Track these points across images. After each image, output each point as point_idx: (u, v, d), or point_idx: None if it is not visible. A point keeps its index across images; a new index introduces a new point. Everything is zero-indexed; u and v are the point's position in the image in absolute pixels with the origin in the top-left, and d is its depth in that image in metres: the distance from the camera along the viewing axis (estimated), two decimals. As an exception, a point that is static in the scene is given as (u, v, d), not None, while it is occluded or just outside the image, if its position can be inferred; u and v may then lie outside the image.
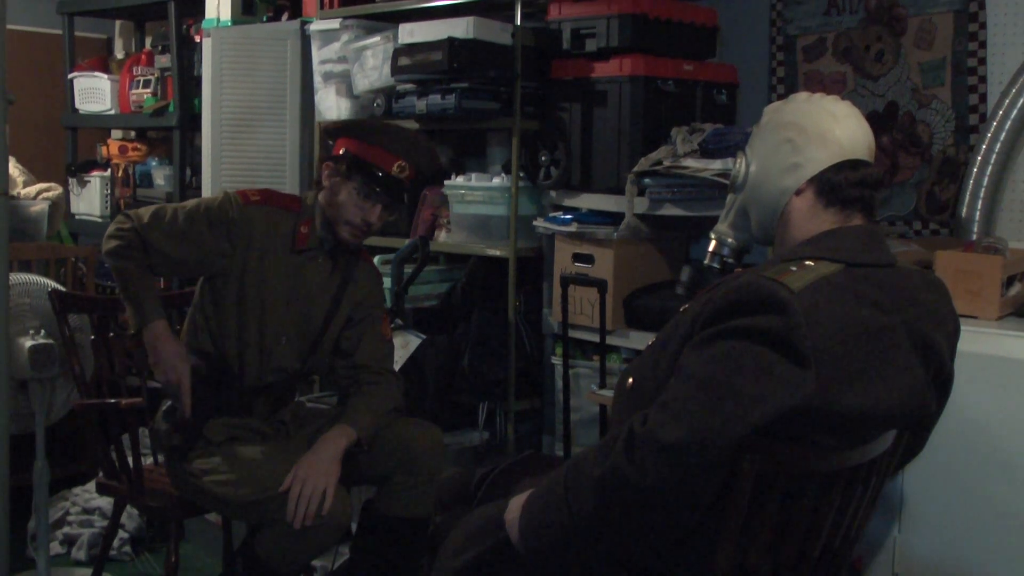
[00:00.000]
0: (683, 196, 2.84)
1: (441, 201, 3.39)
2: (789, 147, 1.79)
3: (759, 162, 1.85)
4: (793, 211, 1.79)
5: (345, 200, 2.53)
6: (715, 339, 1.57)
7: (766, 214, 1.84)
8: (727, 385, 1.52)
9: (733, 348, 1.54)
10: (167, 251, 2.52)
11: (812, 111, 1.80)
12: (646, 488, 1.53)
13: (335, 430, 2.50)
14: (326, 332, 2.63)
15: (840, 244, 1.70)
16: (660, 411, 1.55)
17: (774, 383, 1.52)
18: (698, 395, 1.53)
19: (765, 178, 1.83)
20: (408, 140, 2.61)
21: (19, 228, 4.03)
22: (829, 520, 1.69)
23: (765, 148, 1.84)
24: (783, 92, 3.27)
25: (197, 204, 2.58)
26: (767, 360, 1.52)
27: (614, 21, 2.98)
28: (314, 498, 2.34)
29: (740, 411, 1.50)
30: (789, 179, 1.79)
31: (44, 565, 2.92)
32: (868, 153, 1.79)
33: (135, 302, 2.51)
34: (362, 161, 2.53)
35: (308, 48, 3.65)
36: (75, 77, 4.55)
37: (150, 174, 4.31)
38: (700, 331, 1.61)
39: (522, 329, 3.23)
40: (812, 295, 1.57)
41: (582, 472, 1.62)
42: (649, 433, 1.53)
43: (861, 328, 1.60)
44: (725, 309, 1.59)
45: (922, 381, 1.70)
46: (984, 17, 2.85)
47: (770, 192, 1.82)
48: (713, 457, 1.51)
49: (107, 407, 2.71)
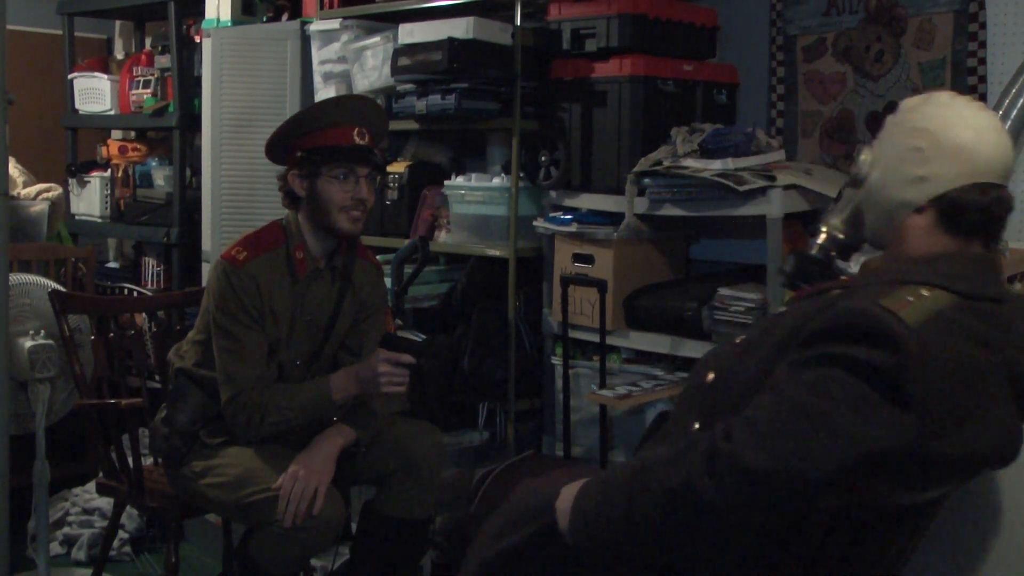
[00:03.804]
0: (683, 196, 2.84)
1: (441, 201, 3.39)
2: (917, 157, 1.65)
3: (883, 165, 1.71)
4: (910, 227, 1.67)
5: (327, 192, 2.48)
6: (817, 363, 1.48)
7: (880, 222, 1.73)
8: (823, 418, 1.43)
9: (835, 378, 1.45)
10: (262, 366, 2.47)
11: (950, 119, 1.65)
12: (720, 508, 1.45)
13: (332, 429, 2.49)
14: (328, 341, 2.62)
15: (958, 272, 1.59)
16: (747, 430, 1.46)
17: (873, 423, 1.43)
18: (791, 423, 1.44)
19: (886, 185, 1.70)
20: (350, 107, 2.57)
21: (19, 228, 4.03)
22: (893, 551, 1.64)
23: (892, 151, 1.70)
24: (783, 92, 3.27)
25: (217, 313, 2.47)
26: (870, 398, 1.43)
27: (614, 21, 2.97)
28: (305, 497, 2.33)
29: (833, 448, 1.42)
30: (911, 192, 1.66)
31: (44, 565, 2.92)
32: (1003, 174, 1.64)
33: (317, 415, 2.49)
34: (322, 148, 2.47)
35: (308, 48, 3.65)
36: (75, 77, 4.55)
37: (150, 174, 4.31)
38: (801, 347, 1.52)
39: (522, 329, 3.23)
40: (927, 333, 1.47)
41: (652, 476, 1.54)
42: (734, 453, 1.45)
43: (970, 372, 1.51)
44: (832, 332, 1.49)
45: (1015, 420, 1.61)
46: (984, 17, 2.85)
47: (888, 201, 1.70)
48: (797, 489, 1.43)
49: (107, 407, 2.71)
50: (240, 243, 2.53)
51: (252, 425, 2.45)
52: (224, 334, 2.47)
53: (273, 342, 2.52)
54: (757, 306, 2.72)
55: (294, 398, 2.47)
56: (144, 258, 4.38)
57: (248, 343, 2.46)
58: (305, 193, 2.51)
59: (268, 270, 2.50)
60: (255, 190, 3.67)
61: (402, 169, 3.48)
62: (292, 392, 2.48)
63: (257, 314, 2.47)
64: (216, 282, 2.49)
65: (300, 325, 2.55)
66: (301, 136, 2.50)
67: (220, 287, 2.48)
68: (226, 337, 2.47)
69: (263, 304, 2.48)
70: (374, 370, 2.43)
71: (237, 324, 2.46)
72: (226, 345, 2.47)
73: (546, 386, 3.26)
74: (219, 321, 2.48)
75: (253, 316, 2.47)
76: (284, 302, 2.52)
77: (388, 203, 3.49)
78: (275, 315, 2.50)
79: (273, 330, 2.51)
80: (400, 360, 2.43)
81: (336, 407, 2.50)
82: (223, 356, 2.47)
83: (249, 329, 2.47)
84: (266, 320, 2.49)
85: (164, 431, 2.57)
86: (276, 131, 2.54)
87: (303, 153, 2.49)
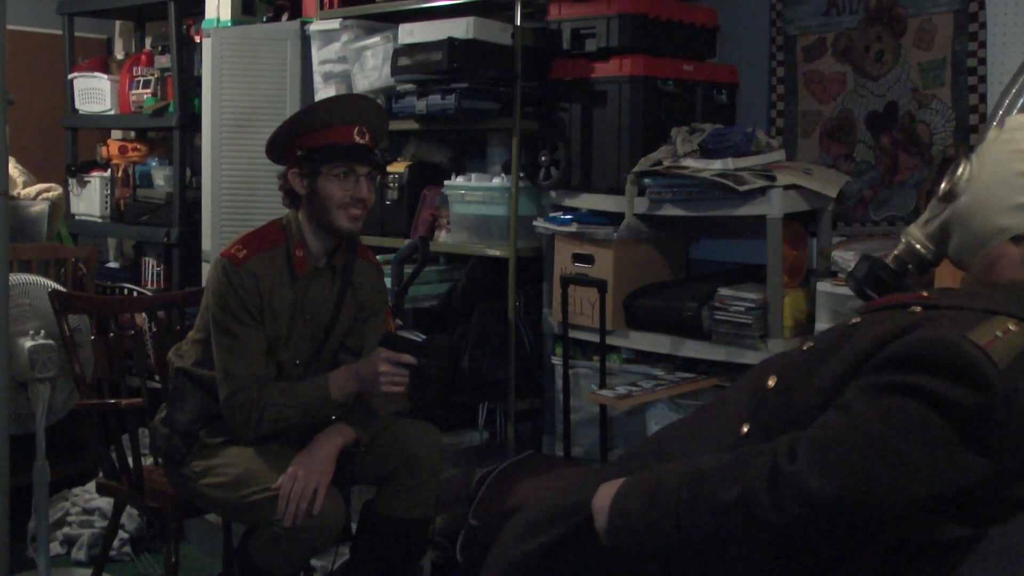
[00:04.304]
0: (683, 196, 2.84)
1: (441, 201, 3.39)
2: (1021, 183, 1.57)
3: (983, 184, 1.62)
4: (1004, 256, 1.59)
5: (327, 190, 2.48)
6: (895, 391, 1.41)
7: (971, 245, 1.64)
8: (897, 451, 1.36)
9: (915, 411, 1.38)
10: (260, 364, 2.47)
11: None
12: (778, 529, 1.40)
13: (332, 429, 2.49)
14: (328, 340, 2.62)
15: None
16: (814, 453, 1.40)
17: (948, 463, 1.37)
18: (862, 452, 1.37)
19: (984, 207, 1.61)
20: (350, 106, 2.58)
21: (19, 228, 4.03)
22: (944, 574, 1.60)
23: (995, 171, 1.61)
24: (783, 92, 3.27)
25: (216, 310, 2.48)
26: (949, 438, 1.37)
27: (614, 21, 2.97)
28: (304, 497, 2.34)
29: (904, 483, 1.35)
30: (1011, 219, 1.58)
31: (44, 565, 2.92)
32: None
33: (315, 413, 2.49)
34: (323, 147, 2.47)
35: (308, 48, 3.65)
36: (75, 77, 4.54)
37: (150, 174, 4.31)
38: (879, 370, 1.45)
39: (522, 329, 3.23)
40: (1016, 374, 1.40)
41: (706, 487, 1.47)
42: (798, 476, 1.38)
43: None
44: (915, 361, 1.41)
45: None
46: (984, 17, 2.85)
47: (984, 225, 1.61)
48: (861, 522, 1.37)
49: (107, 407, 2.71)
50: (240, 241, 2.54)
51: (250, 423, 2.45)
52: (223, 332, 2.47)
53: (272, 340, 2.52)
54: (757, 306, 2.72)
55: (292, 396, 2.47)
56: (144, 258, 4.38)
57: (247, 341, 2.47)
58: (305, 192, 2.51)
59: (268, 268, 2.50)
60: (255, 190, 3.67)
61: (402, 169, 3.49)
62: (291, 390, 2.48)
63: (256, 312, 2.48)
64: (216, 279, 2.49)
65: (300, 324, 2.55)
66: (301, 135, 2.51)
67: (219, 284, 2.48)
68: (225, 335, 2.47)
69: (262, 302, 2.48)
70: (374, 369, 2.43)
71: (236, 322, 2.46)
72: (225, 343, 2.47)
73: (546, 386, 3.26)
74: (218, 318, 2.48)
75: (252, 314, 2.47)
76: (284, 300, 2.52)
77: (388, 203, 3.49)
78: (274, 313, 2.50)
79: (273, 328, 2.51)
80: (400, 360, 2.43)
81: (335, 405, 2.50)
82: (222, 354, 2.47)
83: (248, 327, 2.47)
84: (265, 318, 2.49)
85: (164, 431, 2.57)
86: (276, 130, 2.55)
87: (303, 152, 2.50)
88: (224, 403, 2.47)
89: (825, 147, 3.19)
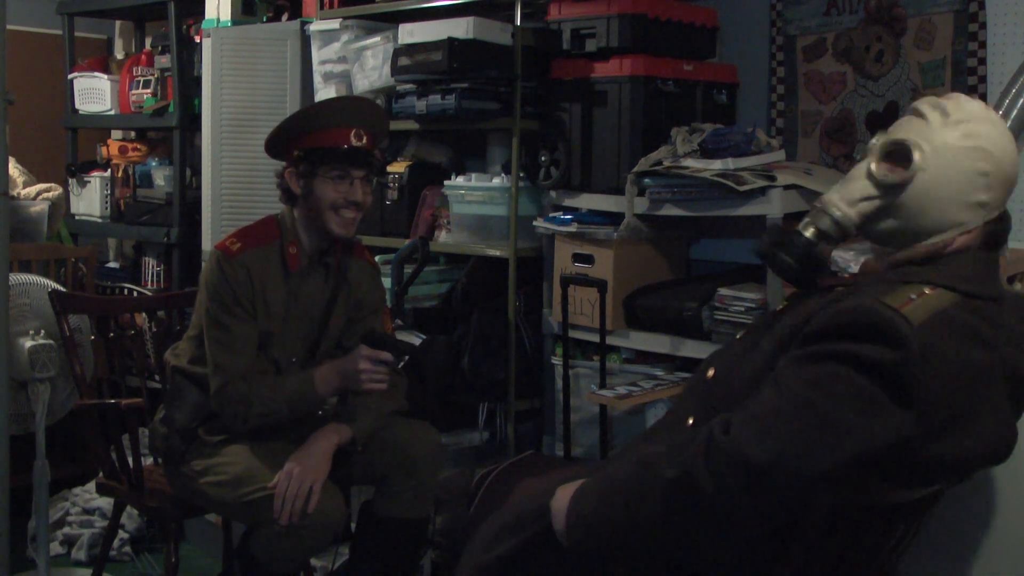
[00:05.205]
0: (683, 196, 2.84)
1: (441, 201, 3.39)
2: (982, 181, 1.60)
3: (939, 177, 1.62)
4: (950, 245, 1.63)
5: (322, 191, 2.49)
6: (819, 359, 1.47)
7: (913, 232, 1.65)
8: (824, 414, 1.43)
9: (838, 374, 1.45)
10: (251, 357, 2.49)
11: (1008, 147, 1.62)
12: (719, 500, 1.45)
13: (328, 427, 2.49)
14: (322, 339, 2.62)
15: (961, 272, 1.58)
16: (747, 424, 1.46)
17: (874, 419, 1.43)
18: (792, 417, 1.44)
19: (939, 199, 1.62)
20: (350, 108, 2.59)
21: (19, 228, 4.03)
22: (889, 547, 1.64)
23: (954, 166, 1.61)
24: (783, 92, 3.27)
25: (209, 302, 2.49)
26: (871, 394, 1.43)
27: (614, 21, 2.97)
28: (300, 495, 2.34)
29: (833, 443, 1.42)
30: (968, 215, 1.61)
31: (44, 565, 2.92)
32: None
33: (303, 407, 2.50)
34: (319, 149, 2.48)
35: (308, 48, 3.65)
36: (75, 77, 4.54)
37: (150, 174, 4.31)
38: (804, 343, 1.51)
39: (522, 329, 3.23)
40: (930, 332, 1.46)
41: (650, 471, 1.53)
42: (733, 446, 1.45)
43: (970, 371, 1.51)
44: (836, 329, 1.48)
45: (1010, 419, 1.61)
46: (984, 17, 2.85)
47: (938, 217, 1.62)
48: (795, 484, 1.43)
49: (107, 407, 2.71)
50: (235, 235, 2.56)
51: (239, 416, 2.46)
52: (215, 324, 2.48)
53: (265, 335, 2.52)
54: (757, 306, 2.72)
55: (279, 390, 2.48)
56: (144, 258, 4.38)
57: (238, 333, 2.48)
58: (301, 191, 2.53)
59: (261, 262, 2.51)
60: (255, 190, 3.67)
61: (402, 169, 3.49)
62: (278, 384, 2.50)
63: (249, 304, 2.49)
64: (209, 271, 2.51)
65: (293, 320, 2.56)
66: (300, 135, 2.51)
67: (213, 276, 2.50)
68: (217, 327, 2.48)
69: (255, 295, 2.49)
70: (355, 366, 2.44)
71: (228, 314, 2.47)
72: (217, 335, 2.48)
73: (546, 386, 3.26)
74: (211, 311, 2.49)
75: (244, 307, 2.48)
76: (277, 294, 2.53)
77: (388, 203, 3.49)
78: (268, 307, 2.51)
79: (265, 323, 2.52)
80: (379, 357, 2.44)
81: (321, 400, 2.51)
82: (213, 346, 2.48)
83: (240, 320, 2.48)
84: (258, 311, 2.50)
85: (163, 431, 2.57)
86: (276, 129, 2.56)
87: (301, 152, 2.50)
88: (214, 395, 2.48)
89: (825, 147, 3.19)
